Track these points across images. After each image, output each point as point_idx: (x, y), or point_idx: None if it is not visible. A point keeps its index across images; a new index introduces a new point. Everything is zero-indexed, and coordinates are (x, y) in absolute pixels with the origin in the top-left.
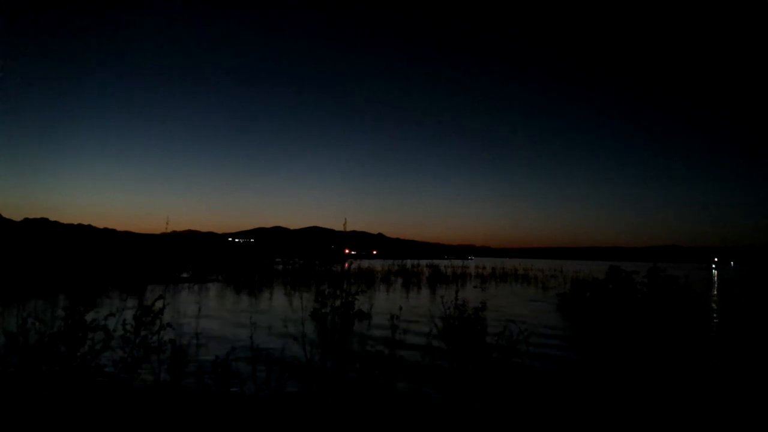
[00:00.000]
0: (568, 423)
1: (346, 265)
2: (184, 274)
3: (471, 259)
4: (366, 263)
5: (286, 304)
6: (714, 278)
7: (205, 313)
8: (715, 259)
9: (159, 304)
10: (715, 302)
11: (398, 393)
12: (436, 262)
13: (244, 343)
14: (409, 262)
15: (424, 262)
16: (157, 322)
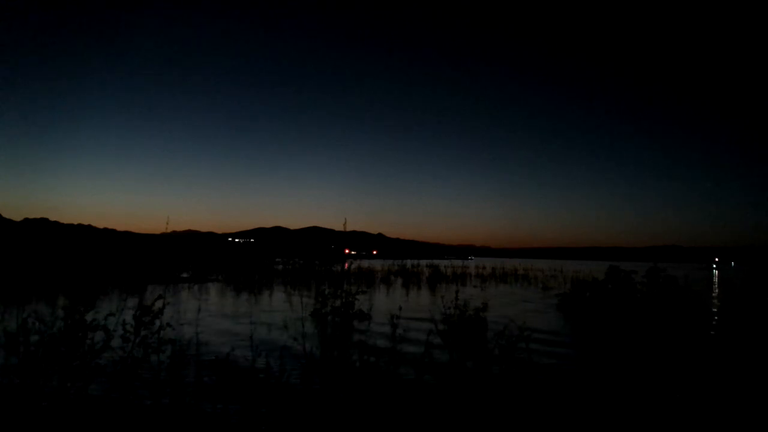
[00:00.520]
0: (569, 422)
1: (346, 265)
2: (184, 274)
3: (471, 259)
4: (366, 263)
5: (286, 304)
6: (714, 278)
7: (205, 313)
8: (716, 259)
9: (159, 304)
10: (715, 302)
11: (398, 392)
12: (436, 262)
13: (245, 343)
14: (409, 262)
15: (424, 262)
16: (157, 322)
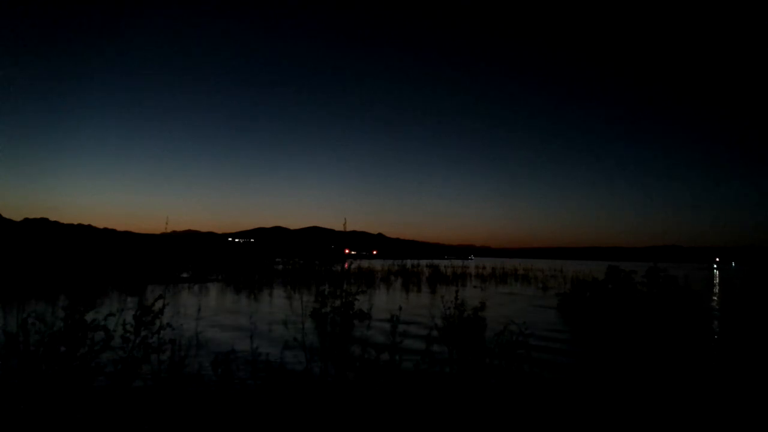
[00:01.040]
0: (568, 421)
1: (346, 265)
2: (184, 274)
3: (471, 259)
4: (366, 263)
5: (286, 304)
6: (715, 278)
7: (205, 313)
8: (717, 259)
9: (159, 304)
10: (715, 302)
11: (398, 391)
12: (436, 262)
13: (245, 343)
14: (409, 262)
15: (424, 262)
16: (157, 322)
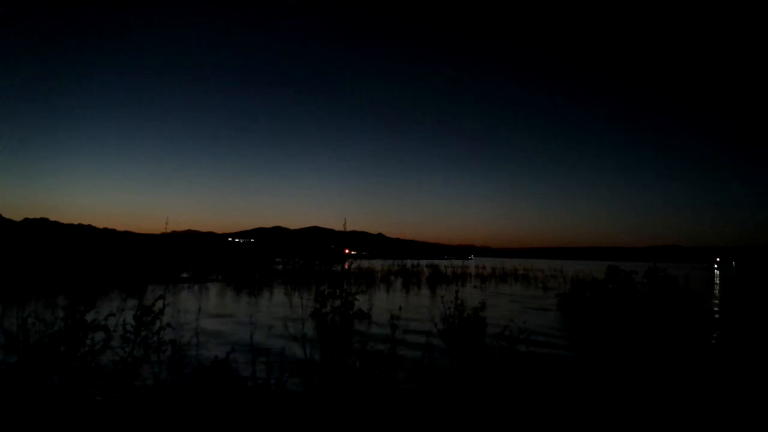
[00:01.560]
0: (568, 421)
1: (346, 265)
2: (184, 274)
3: (471, 259)
4: (366, 263)
5: (286, 304)
6: (715, 278)
7: (206, 313)
8: (717, 259)
9: (159, 304)
10: (715, 302)
11: (398, 390)
12: (436, 262)
13: (245, 343)
14: (409, 262)
15: (424, 262)
16: (157, 322)
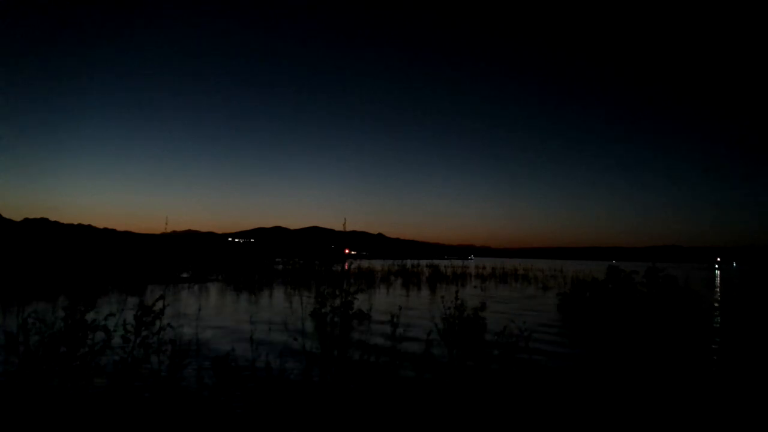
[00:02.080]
0: (568, 420)
1: (346, 265)
2: (184, 274)
3: (471, 259)
4: (366, 263)
5: (286, 304)
6: (715, 278)
7: (206, 313)
8: (718, 259)
9: (159, 304)
10: (715, 302)
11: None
12: (436, 262)
13: (245, 343)
14: (409, 262)
15: (424, 262)
16: (158, 322)
